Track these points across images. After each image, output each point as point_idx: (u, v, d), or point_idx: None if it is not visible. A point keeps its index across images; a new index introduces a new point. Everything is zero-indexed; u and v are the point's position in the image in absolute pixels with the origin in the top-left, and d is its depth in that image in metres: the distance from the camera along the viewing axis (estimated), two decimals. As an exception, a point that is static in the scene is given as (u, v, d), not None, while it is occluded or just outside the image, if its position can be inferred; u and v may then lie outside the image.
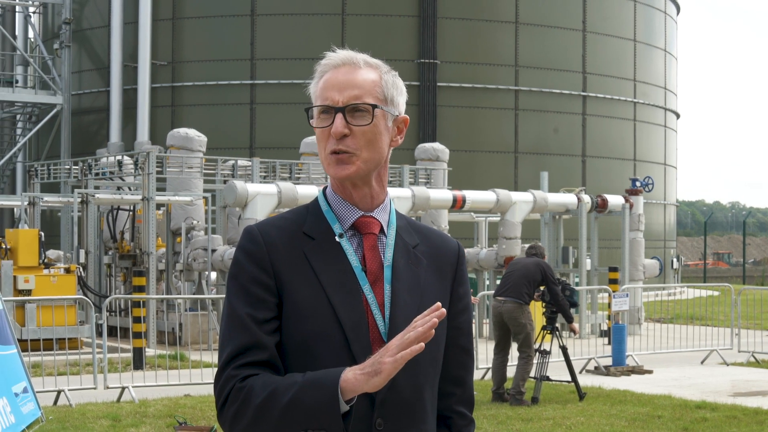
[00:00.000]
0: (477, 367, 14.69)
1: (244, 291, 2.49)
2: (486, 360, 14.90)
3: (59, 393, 12.63)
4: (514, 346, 13.29)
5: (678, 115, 46.09)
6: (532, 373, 13.16)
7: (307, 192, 18.24)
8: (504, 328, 13.18)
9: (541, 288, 13.25)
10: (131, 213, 21.46)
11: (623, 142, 40.60)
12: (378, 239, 2.57)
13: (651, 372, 16.15)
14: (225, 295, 2.55)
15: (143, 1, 35.77)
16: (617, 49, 40.47)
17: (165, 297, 18.89)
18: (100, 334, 16.31)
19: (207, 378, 13.55)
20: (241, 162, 22.53)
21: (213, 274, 20.39)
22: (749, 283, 49.08)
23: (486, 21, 37.24)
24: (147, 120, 35.68)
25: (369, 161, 2.52)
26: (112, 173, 23.33)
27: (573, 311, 14.86)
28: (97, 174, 23.39)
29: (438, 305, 2.35)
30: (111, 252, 21.47)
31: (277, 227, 2.56)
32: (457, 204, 20.56)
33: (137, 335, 15.63)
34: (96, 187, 23.03)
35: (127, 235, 21.33)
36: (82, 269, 19.49)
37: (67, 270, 18.43)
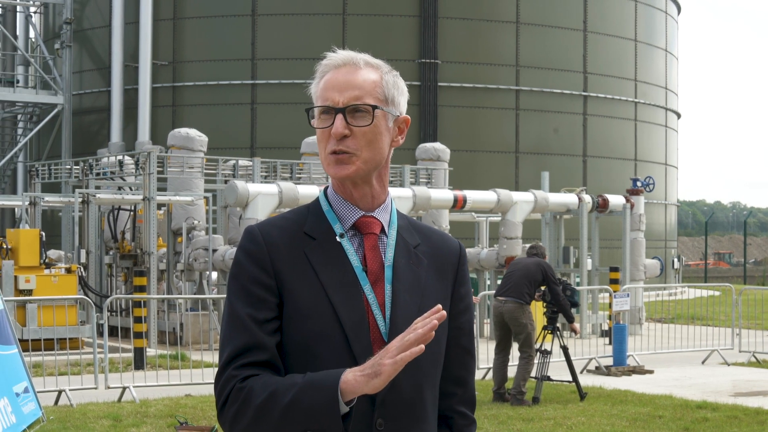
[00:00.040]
0: (478, 367, 14.69)
1: (244, 291, 2.49)
2: (487, 360, 14.90)
3: (60, 393, 12.63)
4: (514, 346, 13.29)
5: (679, 115, 46.07)
6: (533, 373, 13.15)
7: (308, 192, 18.23)
8: (505, 328, 13.18)
9: (542, 288, 13.25)
10: (132, 213, 21.47)
11: (624, 142, 40.58)
12: (379, 239, 2.57)
13: (652, 372, 16.14)
14: (226, 295, 2.56)
15: (144, 1, 35.76)
16: (618, 49, 40.45)
17: (166, 297, 18.88)
18: (101, 334, 16.32)
19: (208, 378, 13.55)
20: (242, 162, 22.54)
21: (214, 274, 20.40)
22: (750, 283, 49.05)
23: (487, 21, 37.23)
24: (148, 120, 35.68)
25: (369, 161, 2.52)
26: (113, 173, 23.33)
27: (574, 311, 14.86)
28: (98, 174, 23.39)
29: (438, 307, 2.35)
30: (112, 252, 21.48)
31: (278, 227, 2.55)
32: (458, 204, 20.56)
33: (138, 335, 15.64)
34: (97, 187, 23.02)
35: (128, 235, 21.34)
36: (83, 269, 19.49)
37: (68, 270, 18.43)
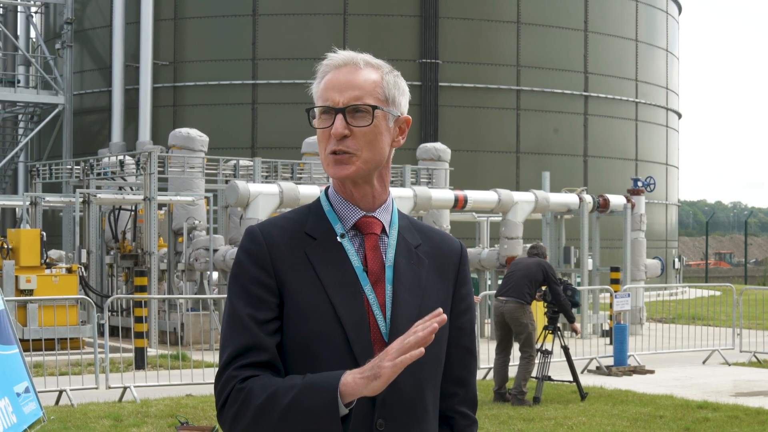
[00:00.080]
0: (479, 367, 14.68)
1: (245, 291, 2.49)
2: (488, 360, 14.90)
3: (61, 393, 12.62)
4: (515, 346, 13.29)
5: (680, 115, 46.07)
6: (533, 373, 13.15)
7: (309, 192, 18.22)
8: (506, 328, 13.18)
9: (543, 288, 13.25)
10: (133, 213, 21.47)
11: (625, 142, 40.57)
12: (380, 239, 2.57)
13: (653, 372, 16.13)
14: (227, 295, 2.55)
15: (145, 1, 35.76)
16: (619, 49, 40.44)
17: (167, 297, 18.88)
18: (101, 333, 16.33)
19: (208, 378, 13.55)
20: (243, 162, 22.54)
21: (214, 274, 20.40)
22: (751, 283, 49.05)
23: (488, 21, 37.23)
24: (149, 120, 35.69)
25: (369, 162, 2.52)
26: (113, 173, 23.33)
27: (575, 311, 14.86)
28: (99, 174, 23.39)
29: (439, 311, 2.35)
30: (113, 252, 21.48)
31: (279, 227, 2.55)
32: (459, 204, 20.55)
33: (139, 335, 15.63)
34: (98, 187, 23.02)
35: (129, 235, 21.35)
36: (83, 269, 19.49)
37: (69, 270, 18.43)
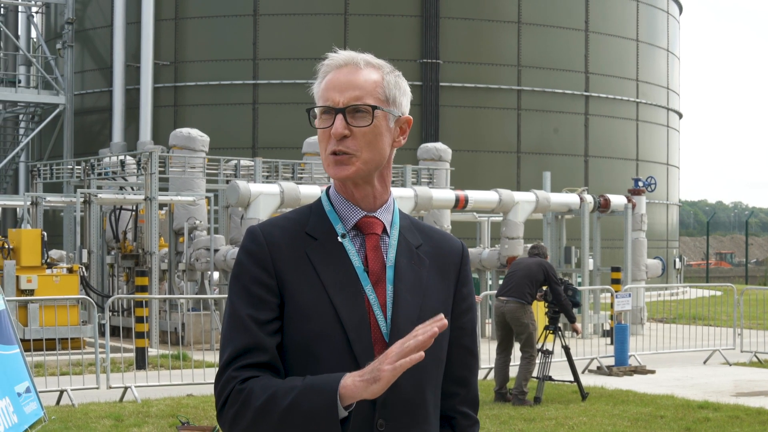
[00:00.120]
0: (480, 367, 14.67)
1: (245, 291, 2.49)
2: (488, 360, 14.89)
3: (62, 393, 12.62)
4: (516, 345, 13.29)
5: (680, 115, 46.05)
6: (534, 373, 13.15)
7: (310, 192, 18.22)
8: (506, 328, 13.18)
9: (544, 288, 13.25)
10: (134, 213, 21.48)
11: (626, 142, 40.56)
12: (381, 239, 2.56)
13: (653, 372, 16.13)
14: (227, 295, 2.55)
15: (146, 1, 35.76)
16: (620, 49, 40.43)
17: (167, 297, 18.89)
18: (102, 333, 16.33)
19: (209, 378, 13.55)
20: (244, 162, 22.54)
21: (215, 274, 20.40)
22: (752, 283, 49.04)
23: (488, 21, 37.22)
24: (150, 120, 35.69)
25: (369, 162, 2.52)
26: (114, 173, 23.34)
27: (575, 311, 14.85)
28: (100, 174, 23.39)
29: (441, 316, 2.34)
30: (113, 252, 21.49)
31: (280, 227, 2.55)
32: (460, 204, 20.55)
33: (140, 335, 15.63)
34: (99, 187, 23.03)
35: (130, 235, 21.35)
36: (84, 269, 19.50)
37: (70, 270, 18.44)
